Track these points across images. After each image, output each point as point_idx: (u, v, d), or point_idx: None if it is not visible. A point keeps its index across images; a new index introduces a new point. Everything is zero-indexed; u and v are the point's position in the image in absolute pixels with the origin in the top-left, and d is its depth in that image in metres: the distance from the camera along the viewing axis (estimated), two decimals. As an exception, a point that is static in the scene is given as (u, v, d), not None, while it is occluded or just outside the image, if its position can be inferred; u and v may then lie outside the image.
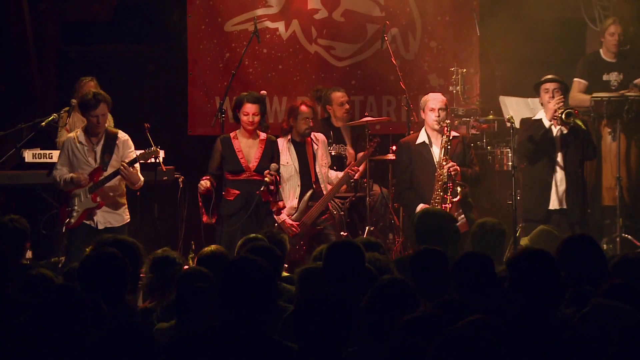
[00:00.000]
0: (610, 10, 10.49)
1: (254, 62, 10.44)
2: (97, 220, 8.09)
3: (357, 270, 4.98)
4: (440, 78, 10.49)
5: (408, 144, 8.75)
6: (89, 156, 8.09)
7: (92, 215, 8.06)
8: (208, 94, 10.41)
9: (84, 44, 11.05)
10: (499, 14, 10.10)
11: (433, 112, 8.53)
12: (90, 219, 8.07)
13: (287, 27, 10.48)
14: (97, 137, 8.11)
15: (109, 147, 8.10)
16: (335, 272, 4.99)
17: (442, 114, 8.53)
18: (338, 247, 5.19)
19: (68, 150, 8.12)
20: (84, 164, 8.09)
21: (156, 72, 11.03)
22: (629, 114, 9.64)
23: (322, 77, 10.46)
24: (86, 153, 8.09)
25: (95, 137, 8.11)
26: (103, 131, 8.11)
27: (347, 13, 10.54)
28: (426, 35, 10.56)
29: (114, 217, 8.15)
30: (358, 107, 10.53)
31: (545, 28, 10.23)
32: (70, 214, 8.06)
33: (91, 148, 8.10)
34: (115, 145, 8.12)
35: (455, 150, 8.52)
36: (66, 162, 8.12)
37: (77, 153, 8.09)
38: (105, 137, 8.12)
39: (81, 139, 8.11)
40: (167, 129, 10.58)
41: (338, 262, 5.02)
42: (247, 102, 8.15)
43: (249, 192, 8.16)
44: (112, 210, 8.14)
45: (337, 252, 5.11)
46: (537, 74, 10.16)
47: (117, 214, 8.17)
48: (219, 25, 10.45)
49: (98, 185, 8.04)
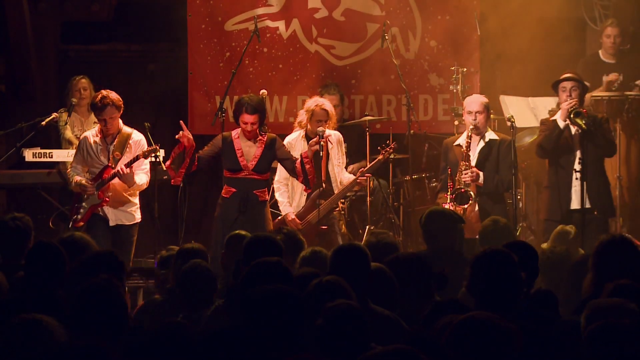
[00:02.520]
0: (610, 10, 10.49)
1: (254, 61, 10.44)
2: (109, 217, 8.20)
3: (362, 274, 4.94)
4: (441, 77, 10.49)
5: (447, 145, 8.68)
6: (101, 155, 8.23)
7: (100, 210, 8.19)
8: (208, 93, 10.40)
9: (84, 44, 11.07)
10: (499, 13, 10.10)
11: (470, 115, 8.48)
12: (100, 212, 8.20)
13: (287, 26, 10.48)
14: (110, 136, 8.24)
15: (121, 147, 8.22)
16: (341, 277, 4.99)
17: (479, 117, 8.42)
18: (343, 251, 5.16)
19: (83, 149, 8.28)
20: (97, 162, 8.24)
21: (156, 72, 11.03)
22: (629, 113, 9.65)
23: (323, 76, 10.46)
24: (99, 152, 8.23)
25: (109, 137, 8.25)
26: (115, 132, 8.23)
27: (348, 12, 10.54)
28: (426, 34, 10.55)
29: (125, 216, 8.27)
30: (358, 107, 10.53)
31: (546, 27, 10.22)
32: (78, 211, 8.19)
33: (105, 147, 8.24)
34: (128, 145, 8.23)
35: (489, 155, 8.45)
36: (81, 160, 8.29)
37: (90, 152, 8.25)
38: (119, 137, 8.24)
39: (96, 138, 8.26)
40: (167, 129, 10.58)
41: (343, 267, 4.99)
42: (246, 113, 8.10)
43: (246, 190, 8.14)
44: (123, 209, 8.25)
45: (342, 257, 5.09)
46: (537, 73, 10.18)
47: (128, 213, 8.28)
48: (219, 25, 10.44)
49: (104, 182, 8.15)
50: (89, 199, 8.17)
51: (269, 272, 4.64)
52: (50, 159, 9.08)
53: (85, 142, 8.27)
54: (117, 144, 8.22)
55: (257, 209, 8.15)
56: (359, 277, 4.88)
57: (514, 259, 4.51)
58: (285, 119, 10.42)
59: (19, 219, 6.37)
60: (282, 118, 10.48)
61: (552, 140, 8.41)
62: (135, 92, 10.46)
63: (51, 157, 9.08)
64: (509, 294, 4.42)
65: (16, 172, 9.24)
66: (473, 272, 4.49)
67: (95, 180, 8.19)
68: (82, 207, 8.18)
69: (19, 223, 6.32)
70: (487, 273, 4.44)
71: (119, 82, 10.17)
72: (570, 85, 8.46)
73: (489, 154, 8.45)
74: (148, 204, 8.96)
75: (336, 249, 5.24)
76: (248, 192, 8.13)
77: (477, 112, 8.43)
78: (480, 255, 4.54)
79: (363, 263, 5.03)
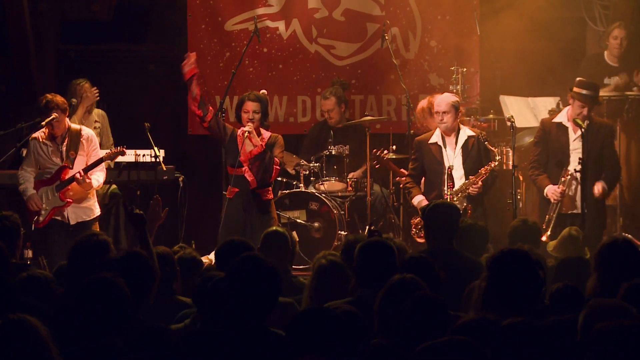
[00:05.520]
0: (610, 10, 10.48)
1: (254, 61, 10.44)
2: (69, 217, 8.21)
3: (390, 270, 4.92)
4: (441, 77, 10.49)
5: (419, 143, 8.64)
6: (53, 156, 8.22)
7: (62, 212, 8.18)
8: (208, 93, 10.40)
9: (84, 44, 11.06)
10: (500, 13, 10.10)
11: (437, 115, 8.48)
12: (59, 215, 8.19)
13: (287, 27, 10.48)
14: (60, 136, 8.22)
15: (74, 145, 8.21)
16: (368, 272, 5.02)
17: (446, 117, 8.42)
18: (371, 247, 5.20)
19: (33, 151, 8.25)
20: (50, 163, 8.22)
21: (156, 72, 11.03)
22: (629, 113, 9.64)
23: (323, 76, 10.46)
24: (50, 153, 8.21)
25: (58, 137, 8.22)
26: (64, 131, 8.21)
27: (348, 12, 10.54)
28: (426, 34, 10.55)
29: (85, 212, 8.27)
30: (358, 107, 10.53)
31: (546, 27, 10.22)
32: (39, 213, 8.17)
33: (56, 148, 8.22)
34: (80, 142, 8.22)
35: (471, 151, 8.46)
36: (31, 163, 8.28)
37: (41, 153, 8.22)
38: (69, 135, 8.22)
39: (45, 139, 8.22)
40: (167, 129, 10.60)
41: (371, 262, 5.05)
42: (248, 100, 8.18)
43: (249, 190, 8.15)
44: (82, 206, 8.25)
45: (369, 252, 5.14)
46: (537, 73, 10.18)
47: (87, 208, 8.29)
48: (219, 25, 10.45)
49: (65, 184, 8.15)
50: (50, 199, 8.16)
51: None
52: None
53: (35, 144, 8.23)
54: (70, 143, 8.20)
55: (262, 209, 8.17)
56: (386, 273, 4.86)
57: (532, 258, 4.48)
58: (285, 119, 10.42)
59: (6, 218, 6.38)
60: (282, 118, 10.49)
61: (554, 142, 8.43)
62: (135, 93, 10.46)
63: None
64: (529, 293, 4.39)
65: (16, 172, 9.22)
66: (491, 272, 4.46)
67: (53, 181, 8.18)
68: (44, 208, 8.16)
69: (7, 222, 6.33)
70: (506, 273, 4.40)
71: (119, 82, 10.16)
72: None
73: (471, 150, 8.46)
74: (147, 204, 8.96)
75: (363, 244, 5.26)
76: (251, 191, 8.14)
77: (444, 112, 8.41)
78: (498, 255, 4.50)
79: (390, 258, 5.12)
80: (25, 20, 10.32)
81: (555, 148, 8.45)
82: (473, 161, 8.40)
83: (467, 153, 8.44)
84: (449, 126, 8.41)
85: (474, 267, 5.87)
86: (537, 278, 4.42)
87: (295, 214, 9.60)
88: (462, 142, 8.45)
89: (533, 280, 4.41)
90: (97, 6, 10.82)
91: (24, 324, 3.56)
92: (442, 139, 8.48)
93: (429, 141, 8.53)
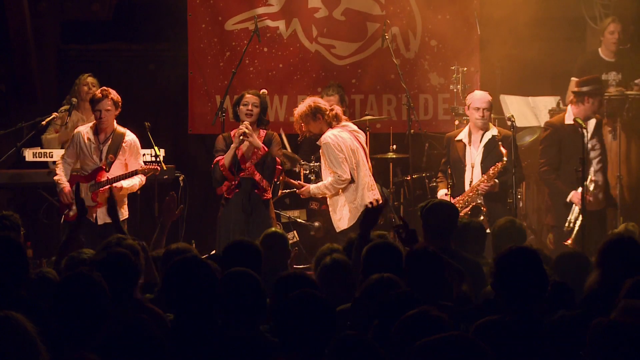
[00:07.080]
0: (610, 9, 10.48)
1: (254, 60, 10.44)
2: (97, 216, 8.18)
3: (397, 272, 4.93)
4: (441, 77, 10.49)
5: (449, 139, 8.76)
6: (94, 153, 8.24)
7: (91, 212, 8.13)
8: (208, 93, 10.40)
9: (84, 43, 11.06)
10: (500, 13, 10.10)
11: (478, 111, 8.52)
12: (89, 214, 8.10)
13: (287, 26, 10.48)
14: (104, 133, 8.22)
15: (115, 148, 8.23)
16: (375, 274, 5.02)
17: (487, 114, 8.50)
18: (377, 249, 5.20)
19: (76, 144, 8.28)
20: (89, 160, 8.25)
21: (156, 72, 11.03)
22: (629, 112, 9.64)
23: (323, 75, 10.46)
24: (92, 150, 8.23)
25: (102, 134, 8.23)
26: (110, 128, 8.22)
27: (348, 12, 10.54)
28: (427, 33, 10.55)
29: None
30: (358, 106, 10.53)
31: (546, 27, 10.22)
32: (70, 206, 8.14)
33: (97, 146, 8.23)
34: (121, 148, 8.23)
35: (493, 150, 8.46)
36: (73, 154, 8.31)
37: (84, 148, 8.26)
38: (113, 137, 8.24)
39: (89, 135, 8.26)
40: (167, 128, 10.60)
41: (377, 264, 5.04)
42: (247, 93, 8.23)
43: (247, 190, 8.15)
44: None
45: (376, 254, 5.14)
46: (537, 73, 10.18)
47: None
48: (219, 24, 10.44)
49: (98, 185, 8.13)
50: (83, 198, 8.11)
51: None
52: (50, 158, 9.07)
53: (79, 137, 8.27)
54: (112, 145, 8.21)
55: (261, 209, 8.16)
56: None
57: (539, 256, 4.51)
58: (285, 118, 10.41)
59: (6, 218, 6.38)
60: (282, 117, 10.49)
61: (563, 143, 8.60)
62: (135, 92, 10.47)
63: (51, 157, 9.07)
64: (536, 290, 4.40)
65: (16, 172, 9.23)
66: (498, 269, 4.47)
67: (88, 180, 8.19)
68: (73, 202, 8.05)
69: (7, 222, 6.33)
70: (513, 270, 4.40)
71: (119, 82, 10.16)
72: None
73: (492, 149, 8.47)
74: (148, 204, 8.96)
75: (370, 246, 5.27)
76: (250, 191, 8.13)
77: (485, 109, 8.50)
78: (506, 253, 4.51)
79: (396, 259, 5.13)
80: (25, 20, 10.32)
81: (571, 150, 8.49)
82: (493, 160, 8.43)
83: (488, 152, 8.47)
84: (487, 123, 8.52)
85: (472, 267, 5.87)
86: (544, 276, 4.44)
87: (295, 213, 9.60)
88: (486, 140, 8.50)
89: (540, 278, 4.42)
90: (97, 6, 10.82)
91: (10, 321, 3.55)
92: (468, 137, 8.57)
93: (456, 138, 8.64)
